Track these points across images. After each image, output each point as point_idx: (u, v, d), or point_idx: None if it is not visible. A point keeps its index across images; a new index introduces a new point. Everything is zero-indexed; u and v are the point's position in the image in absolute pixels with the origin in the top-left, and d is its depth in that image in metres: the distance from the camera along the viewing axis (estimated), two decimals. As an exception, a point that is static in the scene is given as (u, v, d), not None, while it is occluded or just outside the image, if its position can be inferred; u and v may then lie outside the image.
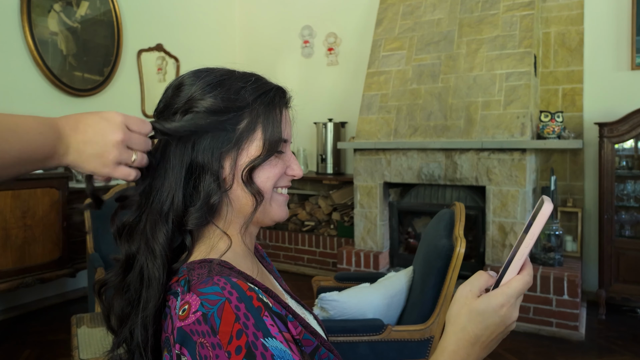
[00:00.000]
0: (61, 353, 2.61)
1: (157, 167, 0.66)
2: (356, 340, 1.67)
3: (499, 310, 0.57)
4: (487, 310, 0.57)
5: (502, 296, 0.57)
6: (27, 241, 2.85)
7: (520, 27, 3.25)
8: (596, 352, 2.64)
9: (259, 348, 0.53)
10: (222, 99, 0.66)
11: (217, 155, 0.66)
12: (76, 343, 1.81)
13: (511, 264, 0.58)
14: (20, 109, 3.43)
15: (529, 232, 0.57)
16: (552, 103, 3.53)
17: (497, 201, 3.10)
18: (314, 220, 4.31)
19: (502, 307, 0.57)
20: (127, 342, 0.66)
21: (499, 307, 0.57)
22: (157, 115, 0.70)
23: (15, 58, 3.20)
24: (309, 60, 4.69)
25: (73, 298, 3.48)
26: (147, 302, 0.62)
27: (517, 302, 0.58)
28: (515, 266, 0.58)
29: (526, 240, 0.57)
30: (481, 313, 0.57)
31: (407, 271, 1.98)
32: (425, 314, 1.71)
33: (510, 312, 0.57)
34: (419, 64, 3.53)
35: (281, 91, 0.71)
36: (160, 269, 0.63)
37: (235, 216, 0.69)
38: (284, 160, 0.71)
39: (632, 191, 3.12)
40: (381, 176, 3.52)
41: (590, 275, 3.39)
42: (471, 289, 0.60)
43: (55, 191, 2.98)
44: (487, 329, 0.57)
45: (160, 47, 4.22)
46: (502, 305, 0.57)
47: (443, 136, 3.28)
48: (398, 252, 3.67)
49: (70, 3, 3.51)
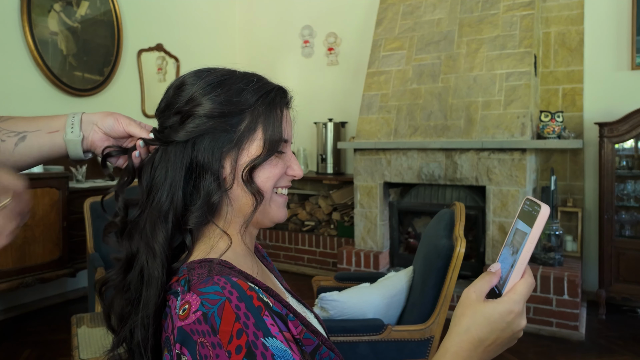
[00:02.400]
0: (61, 353, 2.61)
1: (157, 167, 0.67)
2: (356, 340, 1.67)
3: (506, 316, 0.56)
4: (493, 315, 0.57)
5: (509, 303, 0.56)
6: (27, 241, 2.85)
7: (520, 27, 3.25)
8: (596, 352, 2.64)
9: (259, 347, 0.53)
10: (223, 100, 0.66)
11: (218, 155, 0.66)
12: (76, 343, 1.81)
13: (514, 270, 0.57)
14: (20, 109, 3.45)
15: (529, 237, 0.56)
16: (552, 103, 3.53)
17: (497, 201, 3.10)
18: (314, 220, 4.31)
19: (509, 313, 0.56)
20: (127, 342, 0.66)
21: (506, 313, 0.56)
22: (158, 114, 0.70)
23: (16, 58, 3.20)
24: (309, 60, 4.69)
25: (73, 298, 3.48)
26: (147, 302, 0.62)
27: (524, 308, 0.58)
28: (518, 272, 0.58)
29: (527, 245, 0.56)
30: (487, 317, 0.57)
31: (407, 271, 1.98)
32: (425, 314, 1.71)
33: (518, 319, 0.57)
34: (419, 63, 3.53)
35: (282, 91, 0.72)
36: (160, 268, 0.63)
37: (235, 216, 0.69)
38: (284, 160, 0.71)
39: (632, 191, 3.12)
40: (381, 176, 3.52)
41: (591, 275, 3.38)
42: (475, 291, 0.59)
43: (55, 191, 2.98)
44: (492, 334, 0.57)
45: (160, 47, 4.22)
46: (509, 312, 0.56)
47: (443, 136, 3.28)
48: (398, 252, 3.67)
49: (70, 3, 3.51)
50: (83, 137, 0.72)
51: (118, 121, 0.72)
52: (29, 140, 0.71)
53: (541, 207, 0.56)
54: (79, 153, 0.73)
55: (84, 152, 0.73)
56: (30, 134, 0.71)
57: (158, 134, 0.68)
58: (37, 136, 0.71)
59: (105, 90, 3.79)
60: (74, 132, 0.71)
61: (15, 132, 0.71)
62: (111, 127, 0.72)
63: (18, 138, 0.71)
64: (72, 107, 3.51)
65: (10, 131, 0.71)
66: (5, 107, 3.13)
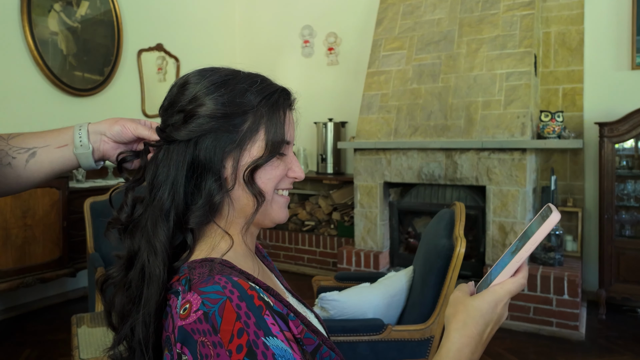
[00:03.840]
0: (61, 353, 2.61)
1: (160, 165, 0.67)
2: (356, 340, 1.67)
3: (494, 307, 0.59)
4: (482, 306, 0.59)
5: (494, 294, 0.60)
6: (28, 241, 2.85)
7: (520, 26, 3.25)
8: (596, 352, 2.64)
9: (259, 347, 0.53)
10: (226, 101, 0.66)
11: (220, 155, 0.66)
12: (76, 343, 1.81)
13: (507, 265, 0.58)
14: (21, 109, 3.44)
15: (531, 238, 0.56)
16: (553, 103, 3.53)
17: (498, 201, 3.10)
18: (314, 220, 4.31)
19: (496, 305, 0.59)
20: (127, 340, 0.66)
21: (494, 304, 0.59)
22: (162, 112, 0.71)
23: (16, 58, 3.20)
24: (309, 60, 4.69)
25: (73, 298, 3.49)
26: (148, 299, 0.62)
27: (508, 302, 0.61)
28: (511, 268, 0.59)
29: (527, 245, 0.57)
30: (478, 309, 0.59)
31: (407, 271, 1.98)
32: (426, 314, 1.71)
33: (504, 310, 0.60)
34: (419, 63, 3.53)
35: (285, 93, 0.71)
36: (161, 266, 0.63)
37: (236, 216, 0.69)
38: (285, 162, 0.71)
39: (632, 191, 3.12)
40: (381, 176, 3.52)
41: (591, 275, 3.39)
42: (460, 289, 0.63)
43: (55, 191, 2.98)
44: (487, 326, 0.60)
45: (160, 47, 4.22)
46: (496, 303, 0.59)
47: (443, 136, 3.28)
48: (398, 251, 3.67)
49: (70, 3, 3.51)
50: (93, 149, 0.73)
51: (125, 127, 0.73)
52: (39, 156, 0.71)
53: (552, 212, 0.56)
54: (91, 164, 0.74)
55: (95, 162, 0.74)
56: (39, 150, 0.71)
57: (161, 133, 0.68)
58: (46, 151, 0.72)
59: (106, 90, 3.79)
60: (83, 145, 0.72)
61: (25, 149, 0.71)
62: (120, 135, 0.73)
63: (28, 154, 0.71)
64: (72, 107, 3.51)
65: (20, 148, 0.71)
66: (6, 107, 3.13)
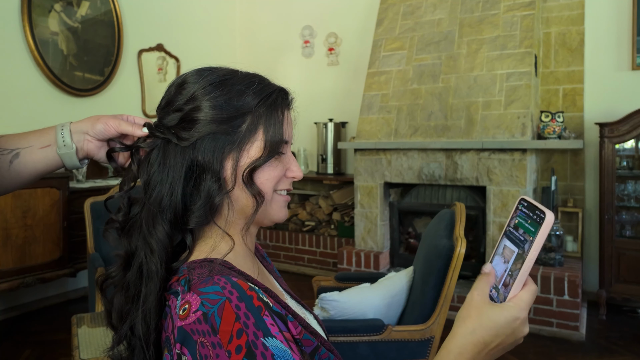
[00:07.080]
0: (61, 353, 2.61)
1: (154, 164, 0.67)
2: (356, 340, 1.67)
3: (512, 322, 0.57)
4: (499, 319, 0.57)
5: (515, 309, 0.57)
6: (28, 241, 2.85)
7: (520, 27, 3.25)
8: (597, 352, 2.64)
9: (259, 347, 0.53)
10: (224, 102, 0.66)
11: (219, 156, 0.65)
12: (76, 343, 1.81)
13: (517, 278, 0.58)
14: (21, 109, 3.44)
15: (533, 244, 0.56)
16: (553, 103, 3.53)
17: (498, 201, 3.10)
18: (314, 220, 4.31)
19: (515, 319, 0.57)
20: (127, 338, 0.66)
21: (512, 319, 0.57)
22: (159, 111, 0.70)
23: (16, 58, 3.20)
24: (309, 60, 4.69)
25: (73, 298, 3.49)
26: (147, 297, 0.62)
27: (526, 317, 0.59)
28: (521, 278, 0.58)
29: (531, 253, 0.56)
30: (494, 320, 0.57)
31: (407, 271, 1.98)
32: (426, 314, 1.71)
33: (522, 326, 0.58)
34: (420, 64, 3.53)
35: (283, 93, 0.71)
36: (158, 263, 0.63)
37: (236, 217, 0.69)
38: (283, 162, 0.71)
39: (632, 191, 3.12)
40: (381, 176, 3.52)
41: (591, 275, 3.38)
42: (478, 293, 0.60)
43: (55, 191, 2.98)
44: (497, 337, 0.58)
45: (160, 47, 4.22)
46: (515, 318, 0.57)
47: (443, 136, 3.28)
48: (398, 252, 3.67)
49: (70, 3, 3.51)
50: (77, 149, 0.72)
51: (107, 124, 0.72)
52: (22, 157, 0.71)
53: (546, 215, 0.55)
54: (75, 164, 0.73)
55: (79, 161, 0.74)
56: (23, 150, 0.71)
57: (155, 130, 0.68)
58: (30, 152, 0.71)
59: (106, 90, 3.79)
60: (67, 145, 0.71)
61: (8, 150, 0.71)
62: (102, 133, 0.72)
63: (12, 155, 0.70)
64: (72, 107, 3.51)
65: (3, 149, 0.71)
66: (6, 107, 3.13)
